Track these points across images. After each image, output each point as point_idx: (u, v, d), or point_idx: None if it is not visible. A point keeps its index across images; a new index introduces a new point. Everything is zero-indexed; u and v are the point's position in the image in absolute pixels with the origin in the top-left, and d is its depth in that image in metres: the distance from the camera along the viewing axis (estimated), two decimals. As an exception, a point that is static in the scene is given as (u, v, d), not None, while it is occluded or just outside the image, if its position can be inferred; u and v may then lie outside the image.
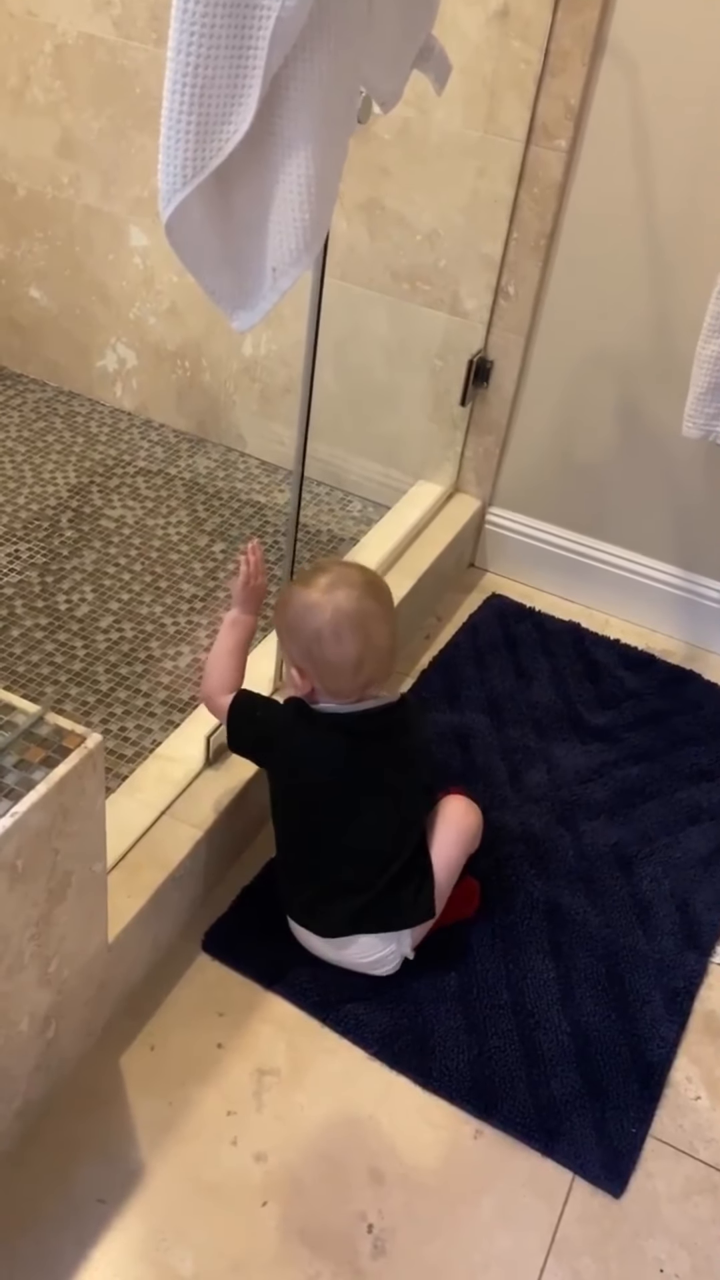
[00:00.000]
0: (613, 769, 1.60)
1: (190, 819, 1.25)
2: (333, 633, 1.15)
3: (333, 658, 1.16)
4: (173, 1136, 1.11)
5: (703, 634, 1.82)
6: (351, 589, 1.16)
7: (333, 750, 1.19)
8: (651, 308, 1.60)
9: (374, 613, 1.17)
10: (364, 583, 1.18)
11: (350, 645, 1.15)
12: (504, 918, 1.35)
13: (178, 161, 0.76)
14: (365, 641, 1.16)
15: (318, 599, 1.16)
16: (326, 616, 1.15)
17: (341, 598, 1.15)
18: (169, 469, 2.02)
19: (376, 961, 1.24)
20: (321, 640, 1.15)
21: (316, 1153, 1.12)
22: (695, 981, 1.33)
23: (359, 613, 1.15)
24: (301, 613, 1.16)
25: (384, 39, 0.83)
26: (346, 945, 1.23)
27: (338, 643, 1.15)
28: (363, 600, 1.16)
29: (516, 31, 1.46)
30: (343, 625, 1.15)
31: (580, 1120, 1.16)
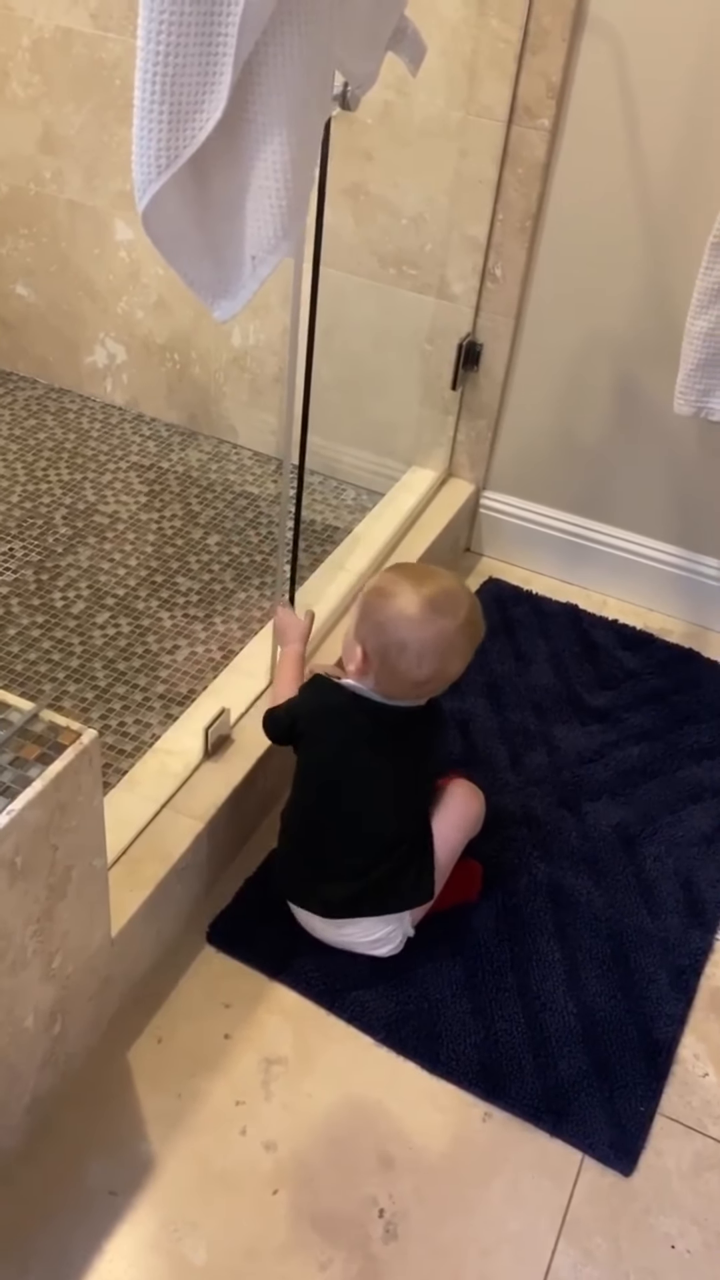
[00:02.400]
0: (613, 749, 1.60)
1: (191, 811, 1.25)
2: (417, 653, 1.14)
3: (403, 671, 1.15)
4: (182, 1128, 1.11)
5: (701, 612, 1.82)
6: (452, 620, 1.14)
7: (355, 731, 1.20)
8: (640, 285, 1.59)
9: (460, 649, 1.16)
10: (465, 620, 1.15)
11: (426, 669, 1.15)
12: (508, 901, 1.36)
13: (151, 152, 0.76)
14: (440, 670, 1.16)
15: (419, 616, 1.13)
16: (419, 635, 1.13)
17: (441, 626, 1.14)
18: (161, 463, 2.02)
19: (378, 941, 1.24)
20: (404, 653, 1.14)
21: (326, 1139, 1.12)
22: (700, 959, 1.33)
23: (449, 647, 1.15)
24: (396, 619, 1.14)
25: (356, 22, 0.82)
26: (347, 925, 1.24)
27: (417, 663, 1.15)
28: (457, 635, 1.15)
29: (494, 10, 1.45)
30: (429, 651, 1.14)
31: (588, 1100, 1.17)
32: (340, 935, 1.25)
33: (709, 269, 1.43)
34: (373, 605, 1.16)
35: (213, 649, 1.61)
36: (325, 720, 1.21)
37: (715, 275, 1.43)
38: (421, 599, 1.13)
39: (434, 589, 1.15)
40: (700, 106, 1.43)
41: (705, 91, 1.42)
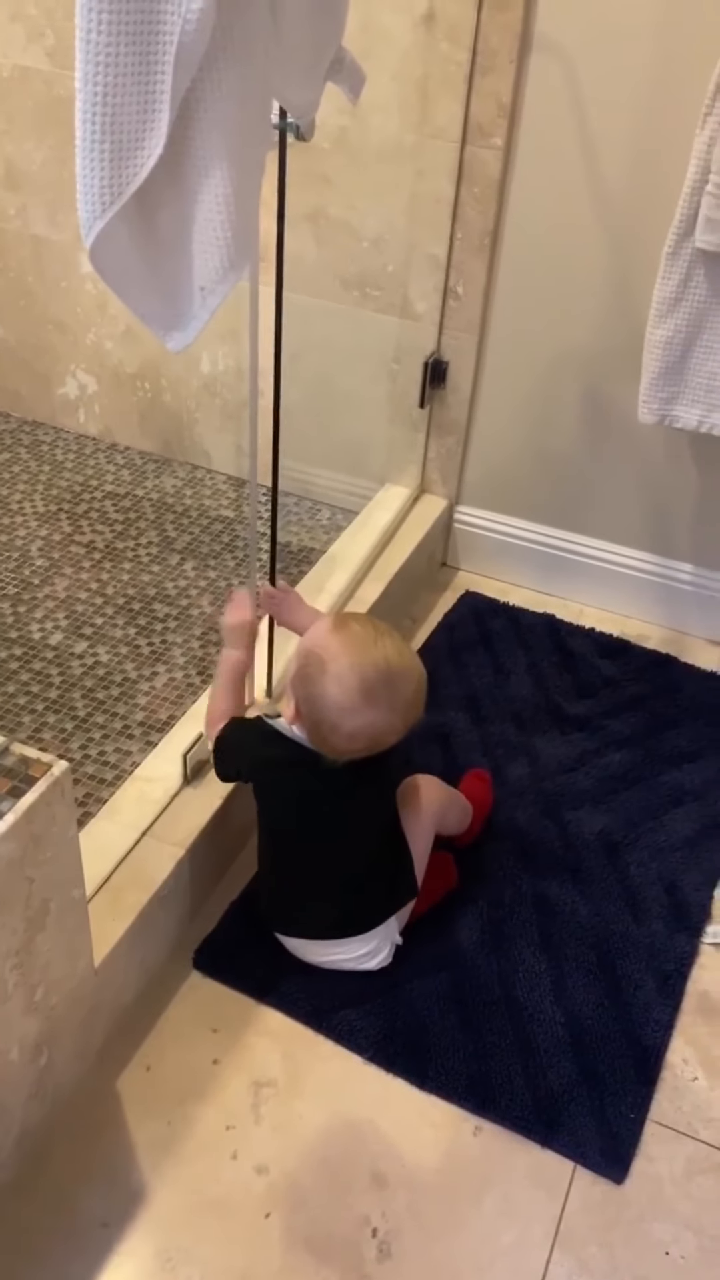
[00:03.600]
0: (594, 757, 1.60)
1: (172, 838, 1.26)
2: (348, 735, 1.11)
3: (333, 744, 1.12)
4: (173, 1156, 1.11)
5: (676, 617, 1.83)
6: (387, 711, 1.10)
7: (300, 782, 1.18)
8: (600, 297, 1.61)
9: (396, 728, 1.13)
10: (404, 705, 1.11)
11: (358, 745, 1.12)
12: (493, 913, 1.36)
13: (95, 189, 0.77)
14: (373, 743, 1.14)
15: (351, 704, 1.08)
16: (351, 722, 1.09)
17: (373, 718, 1.10)
18: (136, 490, 2.03)
19: (367, 955, 1.25)
20: (335, 732, 1.11)
21: (317, 1160, 1.12)
22: (687, 963, 1.33)
23: (386, 729, 1.12)
24: (329, 699, 1.09)
25: (293, 55, 0.84)
26: (334, 948, 1.24)
27: (347, 742, 1.12)
28: (393, 719, 1.11)
29: (443, 33, 1.47)
30: (360, 734, 1.11)
31: (578, 1110, 1.17)
32: (329, 957, 1.25)
33: (666, 278, 1.46)
34: (308, 672, 1.11)
35: (191, 673, 1.61)
36: (270, 775, 1.21)
37: (672, 284, 1.45)
38: (358, 684, 1.08)
39: (373, 672, 1.09)
40: (648, 119, 1.45)
41: (652, 104, 1.44)
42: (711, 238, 1.38)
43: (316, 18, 0.84)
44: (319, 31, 0.85)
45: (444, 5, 1.45)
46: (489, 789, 1.49)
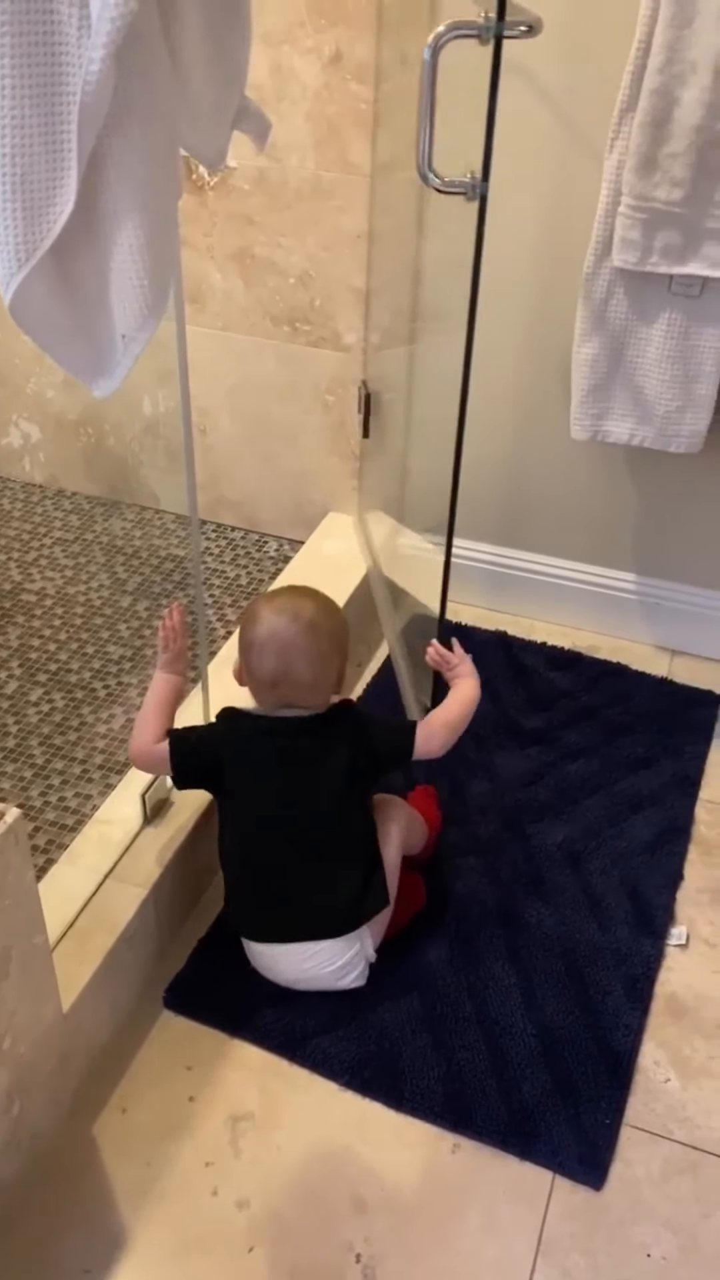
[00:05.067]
0: (553, 769, 1.62)
1: (134, 879, 1.26)
2: (259, 649, 1.24)
3: (254, 669, 1.26)
4: (153, 1197, 1.11)
5: (623, 626, 1.86)
6: (292, 621, 1.24)
7: (261, 749, 1.26)
8: (526, 320, 1.65)
9: (301, 649, 1.23)
10: (307, 621, 1.25)
11: (269, 665, 1.24)
12: (460, 930, 1.37)
13: (9, 247, 0.79)
14: (284, 668, 1.24)
15: (264, 615, 1.26)
16: (260, 634, 1.25)
17: (279, 623, 1.24)
18: (85, 535, 2.04)
19: (342, 969, 1.25)
20: (250, 650, 1.26)
21: (297, 1190, 1.12)
22: (653, 966, 1.35)
23: (286, 643, 1.23)
24: (249, 619, 1.27)
25: (197, 107, 0.86)
26: (308, 958, 1.24)
27: (260, 658, 1.24)
28: (296, 635, 1.24)
29: (351, 73, 1.51)
30: (269, 647, 1.24)
31: (554, 1120, 1.18)
32: (303, 970, 1.26)
33: (587, 298, 1.50)
34: (241, 621, 1.30)
35: (148, 714, 1.62)
36: (240, 746, 1.26)
37: (594, 304, 1.50)
38: (267, 604, 1.27)
39: (283, 598, 1.28)
40: (559, 145, 1.49)
41: (563, 130, 1.48)
42: (628, 257, 1.42)
43: (218, 70, 0.87)
44: (221, 83, 0.88)
45: (350, 47, 1.49)
46: (437, 804, 1.51)
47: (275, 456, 1.94)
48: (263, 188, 1.66)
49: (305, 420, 1.87)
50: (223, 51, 0.87)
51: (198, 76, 0.84)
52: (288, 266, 1.72)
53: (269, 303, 1.77)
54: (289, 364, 1.82)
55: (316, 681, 1.25)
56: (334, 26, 1.49)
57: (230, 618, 1.83)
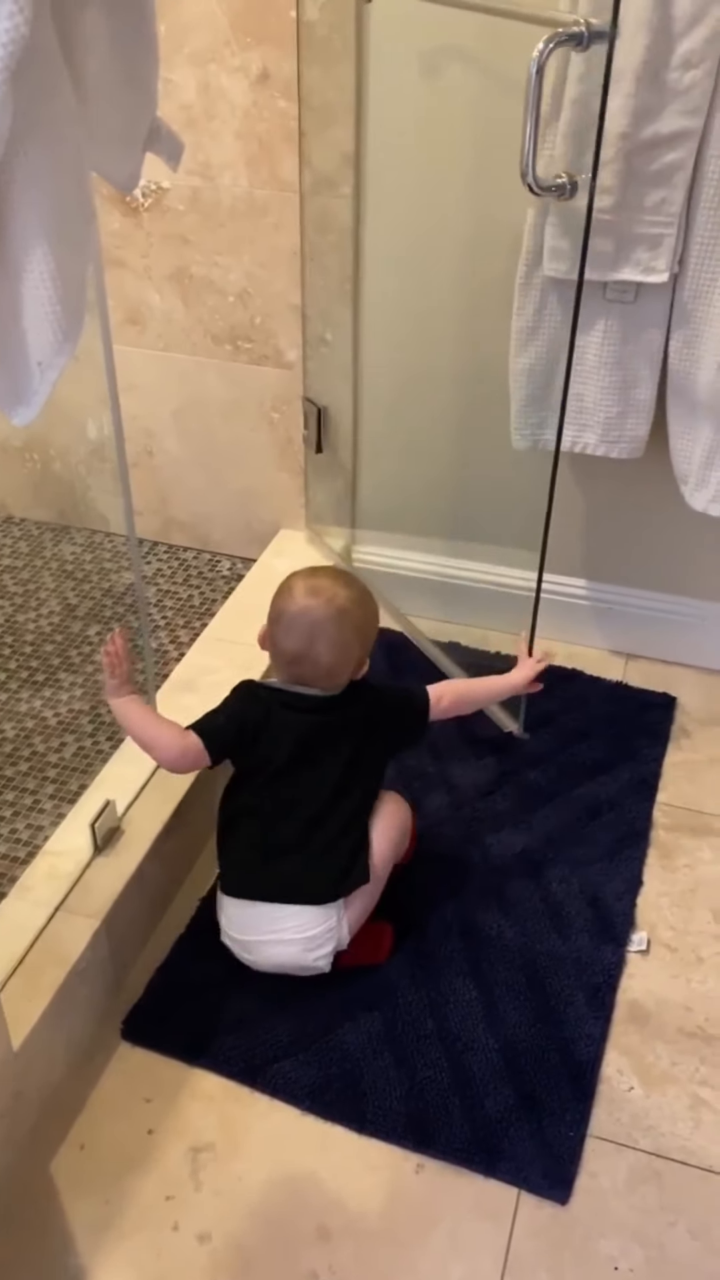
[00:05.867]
0: (511, 778, 1.62)
1: (86, 910, 1.24)
2: (288, 624, 1.27)
3: (278, 641, 1.29)
4: (113, 1234, 1.09)
5: (576, 631, 1.86)
6: (326, 604, 1.27)
7: (278, 720, 1.28)
8: (465, 332, 1.65)
9: (328, 633, 1.26)
10: (338, 607, 1.27)
11: (294, 643, 1.27)
12: (420, 946, 1.36)
13: None
14: (307, 648, 1.27)
15: (298, 591, 1.28)
16: (290, 610, 1.27)
17: (312, 604, 1.27)
18: (35, 561, 2.02)
19: (312, 941, 1.25)
20: (278, 624, 1.29)
21: (260, 1220, 1.10)
22: (615, 973, 1.34)
23: (314, 624, 1.26)
24: (284, 592, 1.30)
25: (105, 131, 0.85)
26: (283, 919, 1.24)
27: (287, 634, 1.28)
28: (325, 618, 1.26)
29: (280, 91, 1.51)
30: (297, 624, 1.27)
31: (518, 1134, 1.17)
32: (275, 934, 1.25)
33: (521, 308, 1.50)
34: (279, 588, 1.32)
35: (100, 740, 1.60)
36: (263, 716, 1.29)
37: (528, 314, 1.50)
38: (302, 582, 1.29)
39: (320, 579, 1.30)
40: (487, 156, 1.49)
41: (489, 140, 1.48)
42: (559, 265, 1.42)
43: (125, 93, 0.86)
44: (130, 106, 0.87)
45: (277, 65, 1.49)
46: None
47: (223, 476, 1.93)
48: (197, 207, 1.65)
49: (252, 438, 1.86)
50: (130, 73, 0.86)
51: (105, 99, 0.84)
52: (226, 285, 1.71)
53: (209, 322, 1.76)
54: (233, 382, 1.81)
55: (334, 667, 1.28)
56: (259, 44, 1.49)
57: (183, 639, 1.81)
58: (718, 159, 1.31)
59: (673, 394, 1.49)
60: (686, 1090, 1.22)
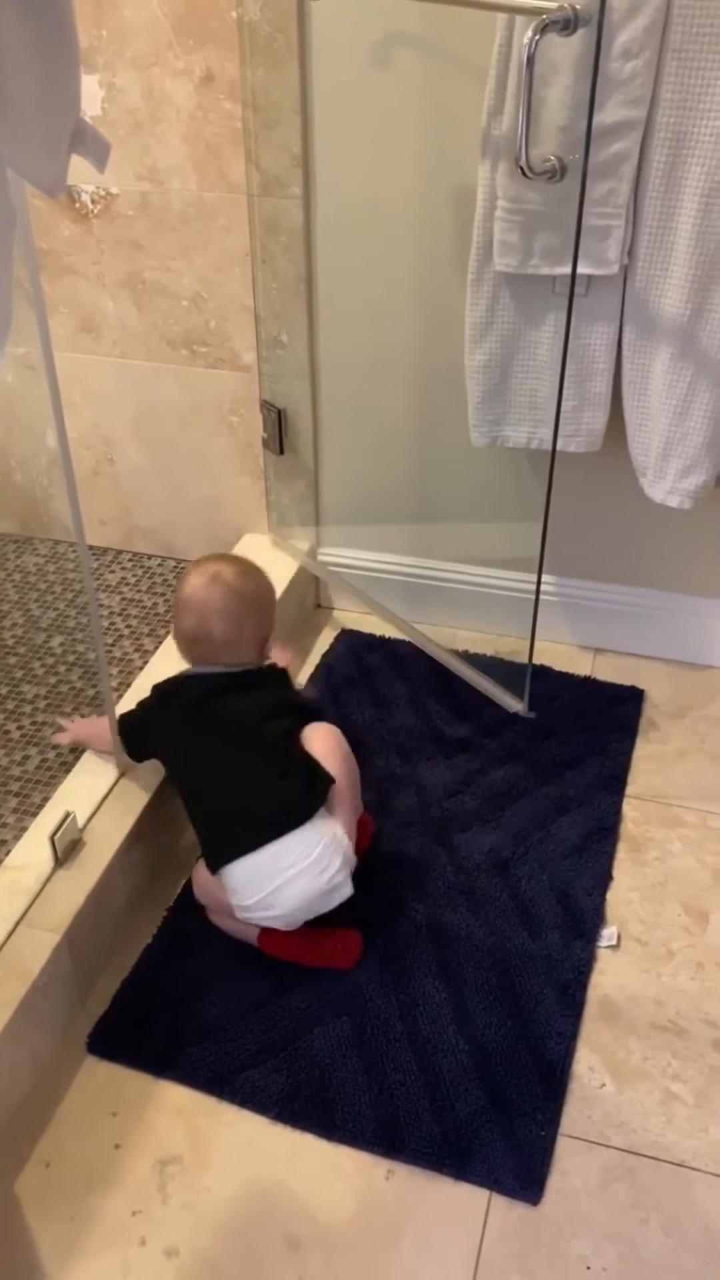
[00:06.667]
0: (478, 777, 1.61)
1: (47, 924, 1.23)
2: (180, 607, 1.38)
3: (177, 627, 1.40)
4: (79, 1253, 1.07)
5: (543, 627, 1.84)
6: (210, 582, 1.37)
7: (189, 701, 1.36)
8: (420, 330, 1.64)
9: (217, 608, 1.36)
10: (225, 583, 1.37)
11: (188, 623, 1.37)
12: (389, 949, 1.35)
13: None
14: (199, 626, 1.36)
15: (188, 577, 1.39)
16: (182, 593, 1.38)
17: (198, 584, 1.37)
18: (-2, 574, 2.00)
19: (319, 864, 1.24)
20: (176, 609, 1.40)
21: (229, 1233, 1.09)
22: (585, 970, 1.33)
23: (203, 603, 1.36)
24: (180, 581, 1.40)
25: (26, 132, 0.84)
26: (284, 856, 1.24)
27: (182, 617, 1.38)
28: (214, 596, 1.36)
29: (224, 93, 1.50)
30: (188, 605, 1.37)
31: (489, 1136, 1.16)
32: (285, 875, 1.24)
33: (474, 304, 1.49)
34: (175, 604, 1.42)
35: (65, 752, 1.58)
36: (172, 696, 1.38)
37: (481, 309, 1.49)
38: (193, 567, 1.40)
39: (207, 562, 1.40)
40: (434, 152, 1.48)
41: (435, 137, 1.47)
42: (509, 260, 1.42)
43: (47, 94, 0.85)
44: (50, 107, 0.86)
45: (221, 67, 1.48)
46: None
47: (185, 482, 1.91)
48: (147, 212, 1.64)
49: (211, 443, 1.85)
50: (50, 75, 0.84)
51: (23, 99, 0.82)
52: (179, 289, 1.70)
53: (164, 327, 1.75)
54: (190, 387, 1.80)
55: (229, 640, 1.37)
56: (202, 47, 1.48)
57: (148, 648, 1.80)
58: (663, 149, 1.31)
59: (628, 386, 1.49)
60: (658, 1085, 1.21)
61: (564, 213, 1.35)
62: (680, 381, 1.42)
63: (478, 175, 1.39)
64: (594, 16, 1.12)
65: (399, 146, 1.50)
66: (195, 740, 1.33)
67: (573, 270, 1.28)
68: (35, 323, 1.10)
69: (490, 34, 1.30)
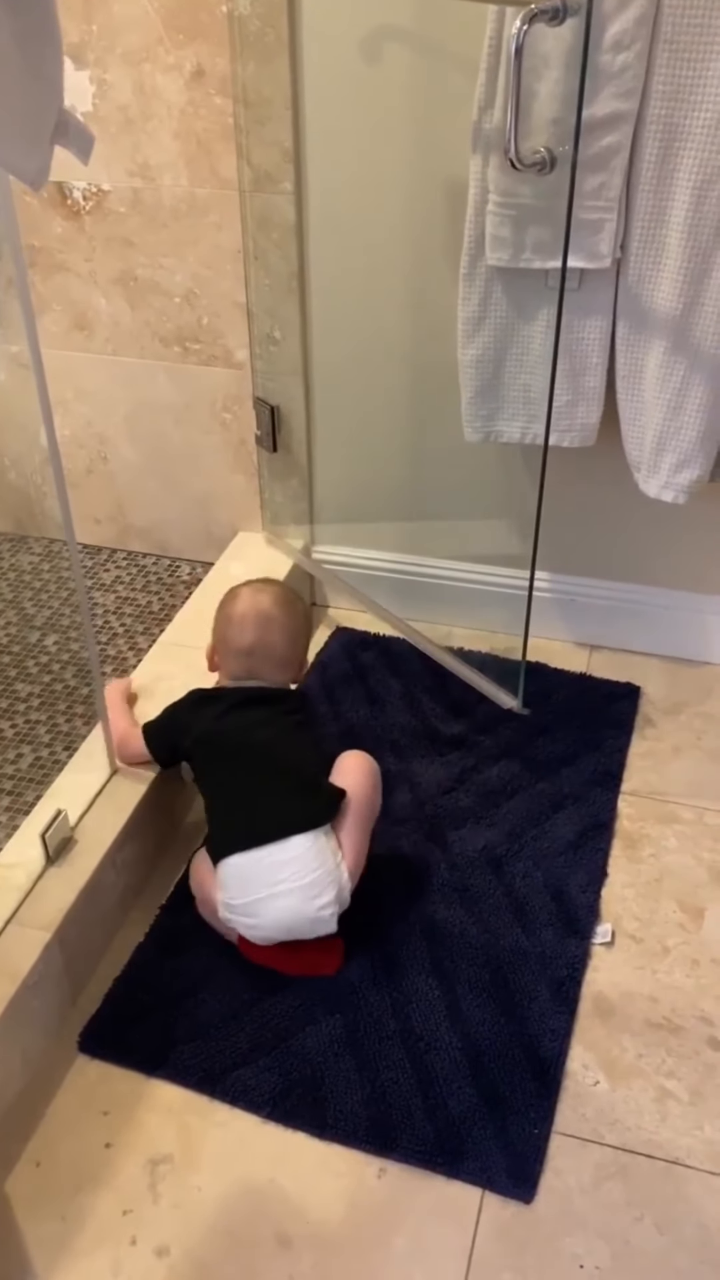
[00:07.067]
0: (473, 774, 1.60)
1: (37, 922, 1.22)
2: (239, 621, 1.43)
3: (232, 640, 1.43)
4: (68, 1253, 1.07)
5: (539, 624, 1.85)
6: (272, 599, 1.44)
7: (222, 706, 1.39)
8: (413, 325, 1.63)
9: (276, 620, 1.43)
10: (280, 598, 1.45)
11: (248, 636, 1.42)
12: (383, 947, 1.34)
13: None
14: (260, 638, 1.42)
15: (244, 593, 1.45)
16: (241, 608, 1.43)
17: (261, 600, 1.44)
18: (-8, 573, 2.00)
19: (313, 888, 1.24)
20: (230, 624, 1.43)
21: (219, 1232, 1.08)
22: (579, 967, 1.33)
23: (265, 615, 1.43)
24: (230, 599, 1.46)
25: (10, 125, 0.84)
26: (281, 866, 1.24)
27: (240, 630, 1.42)
28: (272, 608, 1.43)
29: (215, 88, 1.49)
30: (249, 618, 1.42)
31: (482, 1134, 1.15)
32: (276, 883, 1.23)
33: (466, 299, 1.49)
34: (220, 604, 1.48)
35: (58, 750, 1.58)
36: (205, 704, 1.40)
37: (473, 304, 1.48)
38: (247, 586, 1.48)
39: (262, 582, 1.49)
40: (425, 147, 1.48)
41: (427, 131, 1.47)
42: (501, 254, 1.41)
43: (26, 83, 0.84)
44: (32, 97, 0.85)
45: (212, 62, 1.48)
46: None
47: (179, 479, 1.91)
48: (139, 209, 1.64)
49: (205, 441, 1.84)
50: (33, 67, 0.84)
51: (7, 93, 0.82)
52: (172, 286, 1.69)
53: (157, 324, 1.74)
54: (183, 384, 1.79)
55: (287, 657, 1.44)
56: (192, 42, 1.48)
57: (142, 646, 1.79)
58: (654, 141, 1.30)
59: (622, 380, 1.48)
60: (653, 1083, 1.21)
61: (555, 206, 1.34)
62: (674, 375, 1.42)
63: (469, 169, 1.39)
64: (583, 6, 1.11)
65: (390, 141, 1.49)
66: (223, 740, 1.35)
67: (563, 264, 1.28)
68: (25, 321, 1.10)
69: (481, 27, 1.29)
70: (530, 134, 1.30)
